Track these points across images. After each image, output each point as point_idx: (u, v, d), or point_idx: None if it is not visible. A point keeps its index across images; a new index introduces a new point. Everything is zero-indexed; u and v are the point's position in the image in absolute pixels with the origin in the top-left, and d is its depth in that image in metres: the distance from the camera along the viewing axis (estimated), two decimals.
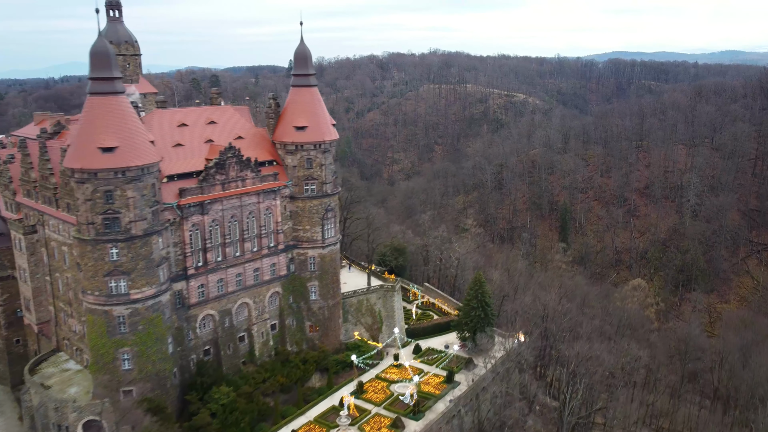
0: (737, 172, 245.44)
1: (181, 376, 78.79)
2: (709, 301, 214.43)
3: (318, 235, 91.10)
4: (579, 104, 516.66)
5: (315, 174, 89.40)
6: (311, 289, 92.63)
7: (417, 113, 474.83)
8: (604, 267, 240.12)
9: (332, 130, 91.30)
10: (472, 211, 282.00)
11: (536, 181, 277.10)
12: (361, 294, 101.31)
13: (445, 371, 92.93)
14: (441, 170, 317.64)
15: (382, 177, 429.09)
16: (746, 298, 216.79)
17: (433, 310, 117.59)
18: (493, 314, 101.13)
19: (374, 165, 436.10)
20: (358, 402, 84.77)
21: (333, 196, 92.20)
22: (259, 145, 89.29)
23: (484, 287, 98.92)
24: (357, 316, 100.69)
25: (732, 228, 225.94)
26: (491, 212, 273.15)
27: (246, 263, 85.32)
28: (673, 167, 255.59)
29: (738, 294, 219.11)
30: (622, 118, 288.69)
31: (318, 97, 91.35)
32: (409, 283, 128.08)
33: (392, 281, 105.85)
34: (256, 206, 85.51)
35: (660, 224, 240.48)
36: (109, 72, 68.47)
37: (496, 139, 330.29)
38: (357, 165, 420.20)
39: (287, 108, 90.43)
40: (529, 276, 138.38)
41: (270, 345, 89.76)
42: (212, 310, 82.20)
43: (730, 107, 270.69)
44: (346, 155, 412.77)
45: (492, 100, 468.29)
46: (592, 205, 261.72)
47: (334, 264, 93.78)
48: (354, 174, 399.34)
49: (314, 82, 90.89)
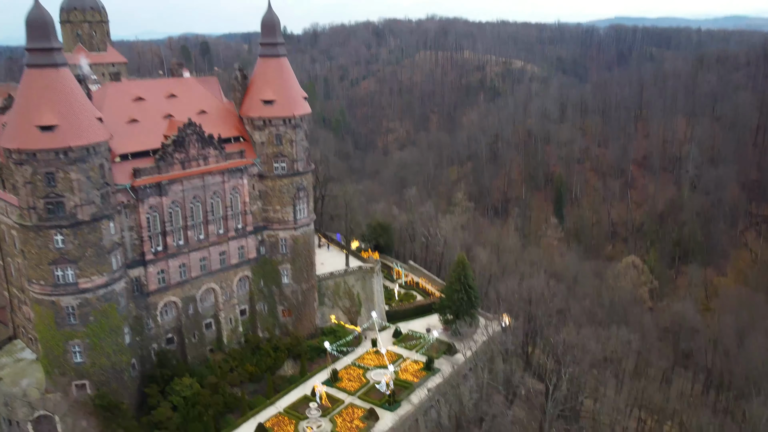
0: (738, 143, 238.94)
1: (142, 368, 74.35)
2: (706, 275, 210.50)
3: (289, 216, 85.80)
4: (579, 72, 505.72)
5: (285, 151, 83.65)
6: (283, 272, 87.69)
7: (413, 81, 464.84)
8: (599, 240, 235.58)
9: (303, 103, 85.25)
10: (465, 184, 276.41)
11: (532, 152, 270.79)
12: (339, 276, 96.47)
13: (425, 357, 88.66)
14: (435, 141, 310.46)
15: (377, 147, 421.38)
16: (743, 271, 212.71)
17: (417, 290, 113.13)
18: (477, 297, 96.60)
19: (369, 135, 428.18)
20: (331, 391, 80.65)
21: (305, 175, 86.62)
22: (225, 121, 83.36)
23: (467, 269, 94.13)
24: (334, 299, 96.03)
25: (731, 200, 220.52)
26: (485, 184, 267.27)
27: (211, 247, 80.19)
28: (672, 138, 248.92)
29: (735, 268, 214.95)
30: (621, 87, 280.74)
31: (288, 69, 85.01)
32: (393, 262, 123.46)
33: (372, 262, 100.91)
34: (221, 186, 80.00)
35: (657, 197, 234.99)
36: (47, 42, 62.22)
37: (492, 108, 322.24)
38: (351, 135, 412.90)
39: (254, 80, 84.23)
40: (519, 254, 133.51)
41: (239, 331, 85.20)
42: (174, 297, 77.32)
43: (732, 76, 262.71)
44: (340, 125, 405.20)
45: (489, 68, 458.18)
46: (589, 176, 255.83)
47: (307, 246, 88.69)
48: (348, 144, 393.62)
49: (283, 52, 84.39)
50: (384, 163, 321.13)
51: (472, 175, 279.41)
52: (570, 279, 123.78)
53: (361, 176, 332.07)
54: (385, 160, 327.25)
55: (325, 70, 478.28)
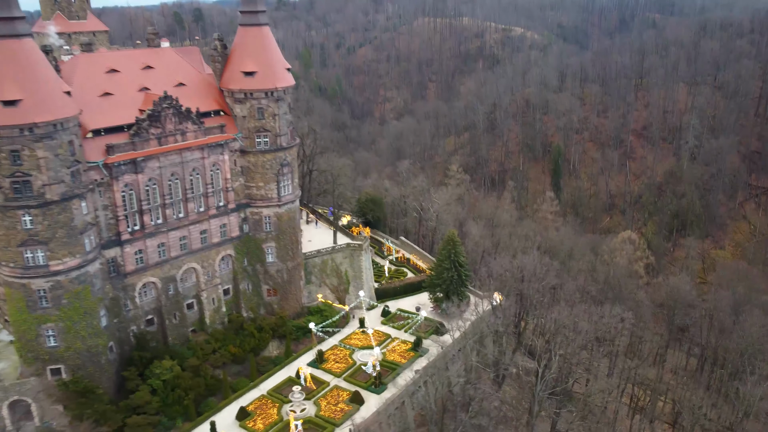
0: (739, 113, 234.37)
1: (120, 350, 72.38)
2: (704, 247, 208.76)
3: (273, 193, 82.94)
4: (580, 39, 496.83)
5: (267, 125, 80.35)
6: (268, 250, 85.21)
7: (410, 49, 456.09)
8: (596, 212, 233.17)
9: (286, 75, 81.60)
10: (462, 154, 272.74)
11: (530, 121, 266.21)
12: (326, 253, 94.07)
13: (414, 337, 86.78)
14: (432, 110, 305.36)
15: (374, 116, 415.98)
16: (741, 243, 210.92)
17: (408, 267, 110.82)
18: (468, 275, 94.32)
19: (366, 104, 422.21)
20: (317, 373, 78.91)
21: (290, 150, 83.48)
22: (205, 94, 79.88)
23: (457, 247, 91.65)
24: (321, 277, 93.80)
25: (731, 171, 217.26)
26: (482, 155, 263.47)
27: (191, 225, 77.52)
28: (672, 107, 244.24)
29: (733, 240, 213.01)
30: (621, 54, 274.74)
31: (269, 38, 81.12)
32: (385, 237, 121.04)
33: (361, 239, 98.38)
34: (200, 162, 76.95)
35: (656, 167, 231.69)
36: (7, 11, 58.49)
37: (490, 77, 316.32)
38: (348, 104, 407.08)
39: (234, 51, 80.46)
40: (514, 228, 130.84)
41: (222, 311, 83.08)
42: (153, 278, 74.94)
43: (735, 43, 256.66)
44: (336, 94, 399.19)
45: (488, 35, 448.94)
46: (587, 146, 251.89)
47: (292, 223, 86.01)
48: (344, 113, 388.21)
49: (264, 21, 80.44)
50: (380, 133, 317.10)
51: (469, 145, 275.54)
52: (564, 254, 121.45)
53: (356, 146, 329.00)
54: (381, 130, 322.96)
55: (321, 37, 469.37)
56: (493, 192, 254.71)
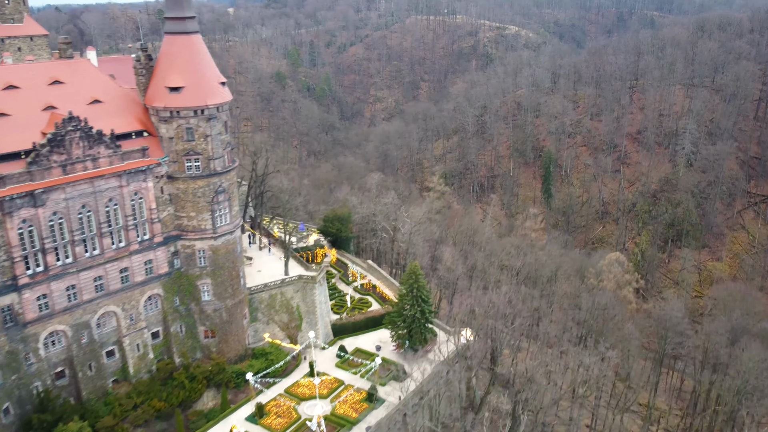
0: (738, 116, 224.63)
1: (21, 411, 62.55)
2: (700, 259, 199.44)
3: (207, 224, 73.08)
4: (577, 37, 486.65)
5: (198, 147, 70.43)
6: (203, 288, 75.38)
7: (403, 47, 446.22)
8: (588, 220, 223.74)
9: (220, 90, 71.59)
10: (451, 158, 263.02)
11: (521, 124, 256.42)
12: (274, 287, 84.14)
13: (369, 384, 77.03)
14: (421, 113, 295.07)
15: (364, 116, 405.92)
16: (739, 255, 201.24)
17: (374, 296, 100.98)
18: (432, 312, 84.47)
19: (356, 103, 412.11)
20: (254, 430, 69.25)
21: (226, 174, 73.54)
22: (126, 111, 69.95)
23: (420, 281, 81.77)
24: (269, 314, 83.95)
25: (729, 178, 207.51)
26: (471, 159, 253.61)
27: (108, 263, 67.63)
28: (668, 110, 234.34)
29: (731, 251, 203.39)
30: (616, 55, 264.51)
31: (199, 48, 71.05)
32: (351, 261, 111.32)
33: (315, 269, 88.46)
34: (118, 191, 67.04)
35: (651, 174, 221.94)
36: None
37: (481, 78, 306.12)
38: (337, 104, 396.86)
39: (159, 62, 70.38)
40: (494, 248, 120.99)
41: (150, 358, 73.24)
42: (62, 325, 65.10)
43: (734, 43, 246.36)
44: (325, 93, 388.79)
45: (482, 33, 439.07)
46: (580, 151, 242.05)
47: (231, 257, 76.12)
48: (333, 114, 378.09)
49: (193, 28, 70.40)
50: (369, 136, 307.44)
51: (458, 149, 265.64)
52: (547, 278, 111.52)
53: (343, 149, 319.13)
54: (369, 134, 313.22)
55: (311, 35, 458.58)
56: (482, 197, 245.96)
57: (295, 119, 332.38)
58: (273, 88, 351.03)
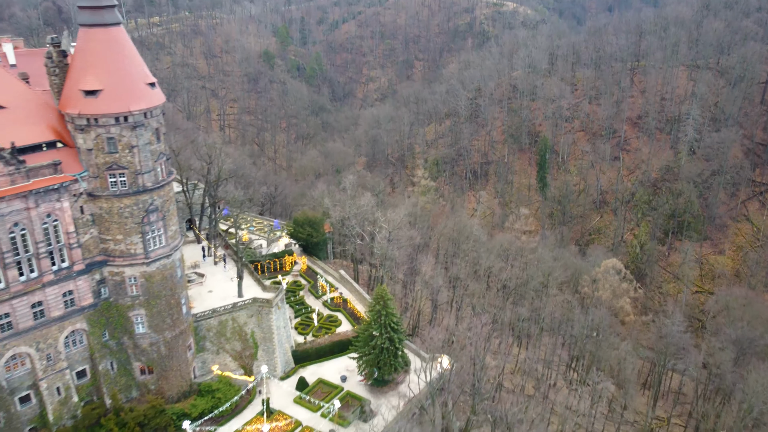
0: (744, 101, 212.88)
1: None
2: (702, 252, 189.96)
3: (137, 247, 63.05)
4: (577, 13, 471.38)
5: (123, 161, 60.10)
6: (136, 319, 65.65)
7: (397, 24, 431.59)
8: (585, 209, 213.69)
9: (148, 93, 60.94)
10: (443, 144, 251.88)
11: (516, 108, 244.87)
12: (225, 312, 74.40)
13: (330, 426, 67.87)
14: (412, 95, 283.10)
15: (356, 97, 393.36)
16: (743, 247, 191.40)
17: (344, 312, 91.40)
18: (404, 339, 74.99)
19: (348, 84, 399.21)
20: None
21: (159, 190, 63.25)
22: (36, 119, 59.44)
23: (389, 307, 72.14)
24: (219, 343, 74.37)
25: (733, 166, 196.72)
26: (464, 145, 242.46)
27: (15, 298, 57.74)
28: (671, 94, 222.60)
29: (734, 243, 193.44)
30: (617, 34, 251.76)
31: (121, 43, 60.18)
32: (321, 270, 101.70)
33: (273, 290, 78.64)
34: (24, 214, 56.91)
35: (652, 161, 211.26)
36: None
37: (475, 59, 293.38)
38: (328, 84, 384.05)
39: (74, 60, 59.62)
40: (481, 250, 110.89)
41: (74, 402, 63.76)
42: None
43: (741, 23, 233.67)
44: (316, 73, 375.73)
45: (479, 10, 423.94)
46: (577, 137, 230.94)
47: (169, 284, 66.22)
48: (324, 95, 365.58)
49: (113, 19, 59.43)
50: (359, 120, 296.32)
51: (450, 134, 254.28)
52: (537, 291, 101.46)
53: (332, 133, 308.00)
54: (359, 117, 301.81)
55: (301, 11, 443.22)
56: (475, 185, 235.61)
57: (283, 101, 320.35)
58: (260, 68, 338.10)
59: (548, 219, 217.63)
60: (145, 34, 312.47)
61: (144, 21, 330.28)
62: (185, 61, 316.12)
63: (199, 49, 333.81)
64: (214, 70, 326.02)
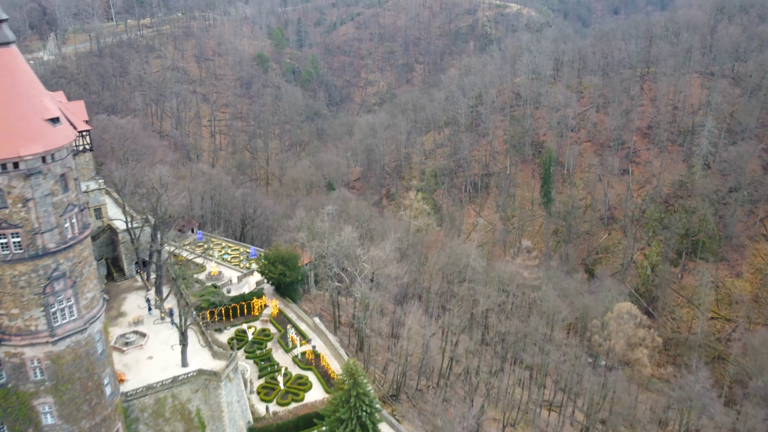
0: (762, 111, 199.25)
1: None
2: (717, 275, 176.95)
3: (39, 324, 50.22)
4: (582, 15, 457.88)
5: (14, 218, 47.27)
6: (42, 408, 52.81)
7: (397, 26, 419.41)
8: (592, 226, 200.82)
9: (48, 131, 47.95)
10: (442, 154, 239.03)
11: (519, 117, 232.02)
12: (163, 389, 61.43)
13: None
14: (410, 102, 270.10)
15: (353, 102, 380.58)
16: (762, 270, 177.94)
17: (316, 372, 78.31)
18: (379, 421, 62.01)
19: (345, 87, 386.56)
20: None
21: (67, 252, 50.37)
22: None
23: (360, 386, 59.10)
24: (156, 425, 61.45)
25: (751, 182, 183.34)
26: (464, 155, 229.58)
27: None
28: (683, 103, 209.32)
29: (753, 265, 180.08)
30: (625, 39, 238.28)
31: (12, 68, 47.24)
32: (294, 314, 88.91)
33: (226, 357, 65.70)
34: None
35: (663, 176, 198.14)
36: None
37: (476, 64, 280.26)
38: (325, 88, 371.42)
39: None
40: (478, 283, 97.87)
41: None
42: None
43: (757, 28, 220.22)
44: (312, 77, 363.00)
45: (481, 11, 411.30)
46: (584, 148, 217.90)
47: (85, 363, 53.32)
48: (320, 100, 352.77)
49: (5, 38, 46.55)
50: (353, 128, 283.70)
51: (449, 143, 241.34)
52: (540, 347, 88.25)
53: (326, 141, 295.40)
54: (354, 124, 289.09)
55: (298, 12, 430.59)
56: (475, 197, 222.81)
57: (277, 106, 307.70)
58: (254, 71, 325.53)
59: (552, 236, 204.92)
60: (134, 36, 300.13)
61: (134, 22, 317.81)
62: (175, 65, 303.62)
63: (190, 52, 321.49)
64: (205, 73, 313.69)
